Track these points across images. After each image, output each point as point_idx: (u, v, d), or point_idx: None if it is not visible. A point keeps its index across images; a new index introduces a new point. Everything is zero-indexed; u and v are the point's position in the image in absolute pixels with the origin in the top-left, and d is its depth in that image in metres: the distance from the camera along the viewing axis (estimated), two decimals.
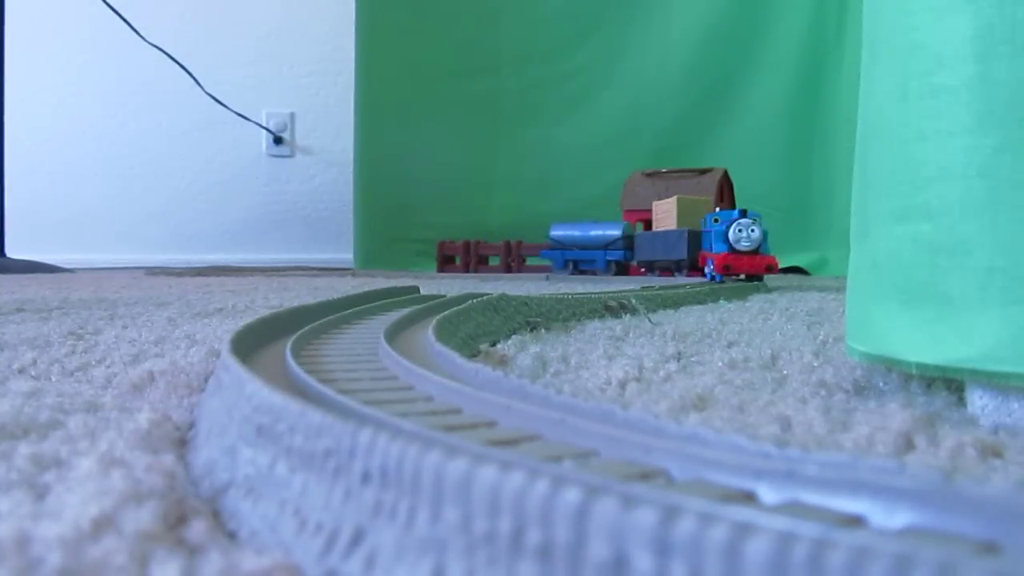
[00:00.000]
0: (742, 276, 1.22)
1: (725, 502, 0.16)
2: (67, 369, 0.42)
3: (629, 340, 0.55)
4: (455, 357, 0.34)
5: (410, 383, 0.31)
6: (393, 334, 0.43)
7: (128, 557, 0.16)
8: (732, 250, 1.22)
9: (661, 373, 0.41)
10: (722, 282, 1.18)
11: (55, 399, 0.34)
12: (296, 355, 0.34)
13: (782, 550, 0.12)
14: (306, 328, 0.44)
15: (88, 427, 0.28)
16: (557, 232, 1.83)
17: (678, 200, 1.53)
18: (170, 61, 2.33)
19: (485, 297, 0.59)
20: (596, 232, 1.78)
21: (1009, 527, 0.14)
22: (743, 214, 1.23)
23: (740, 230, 1.21)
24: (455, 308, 0.53)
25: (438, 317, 0.47)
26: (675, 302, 0.86)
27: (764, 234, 1.23)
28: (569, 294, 0.74)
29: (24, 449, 0.25)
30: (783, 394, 0.36)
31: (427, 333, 0.41)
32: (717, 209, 1.39)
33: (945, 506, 0.15)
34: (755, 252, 1.22)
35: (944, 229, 0.30)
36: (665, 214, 1.57)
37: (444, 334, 0.44)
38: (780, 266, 2.11)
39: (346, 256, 2.37)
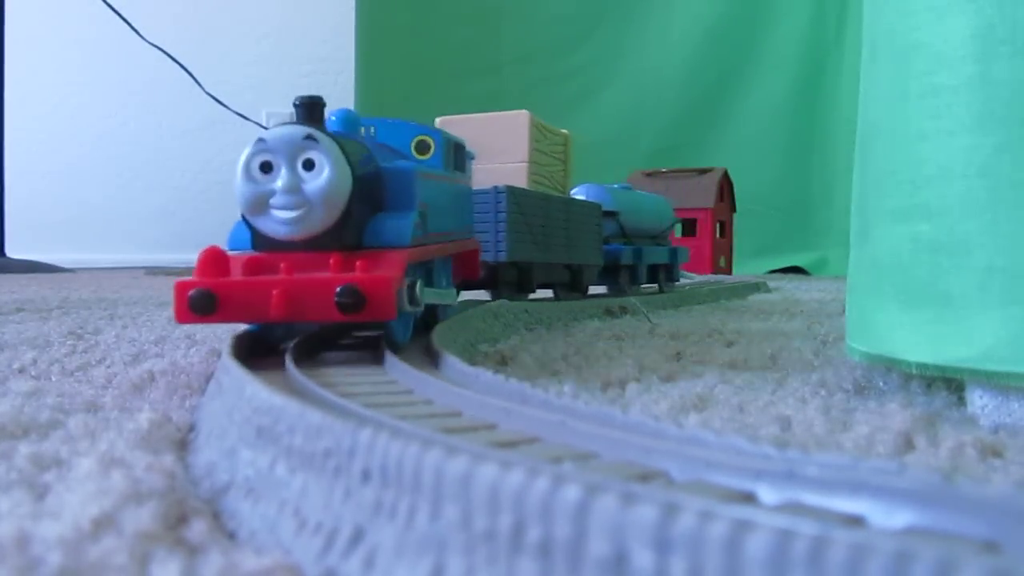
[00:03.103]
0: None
1: (725, 502, 0.16)
2: (67, 369, 0.42)
3: (629, 340, 0.55)
4: (455, 361, 0.34)
5: (410, 387, 0.31)
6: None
7: (128, 557, 0.16)
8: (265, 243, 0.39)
9: (661, 373, 0.41)
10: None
11: (55, 399, 0.34)
12: (297, 359, 0.34)
13: (782, 546, 0.12)
14: (306, 333, 0.44)
15: (88, 427, 0.28)
16: None
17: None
18: (170, 61, 2.32)
19: (485, 304, 0.59)
20: None
21: (1009, 527, 0.14)
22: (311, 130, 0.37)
23: (261, 166, 0.39)
24: (455, 315, 0.53)
25: (438, 323, 0.47)
26: (675, 302, 0.86)
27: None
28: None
29: (24, 449, 0.25)
30: (783, 394, 0.36)
31: (427, 339, 0.41)
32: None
33: (945, 506, 0.15)
34: (322, 247, 0.36)
35: (944, 229, 0.30)
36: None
37: (444, 340, 0.43)
38: (779, 266, 2.10)
39: None
